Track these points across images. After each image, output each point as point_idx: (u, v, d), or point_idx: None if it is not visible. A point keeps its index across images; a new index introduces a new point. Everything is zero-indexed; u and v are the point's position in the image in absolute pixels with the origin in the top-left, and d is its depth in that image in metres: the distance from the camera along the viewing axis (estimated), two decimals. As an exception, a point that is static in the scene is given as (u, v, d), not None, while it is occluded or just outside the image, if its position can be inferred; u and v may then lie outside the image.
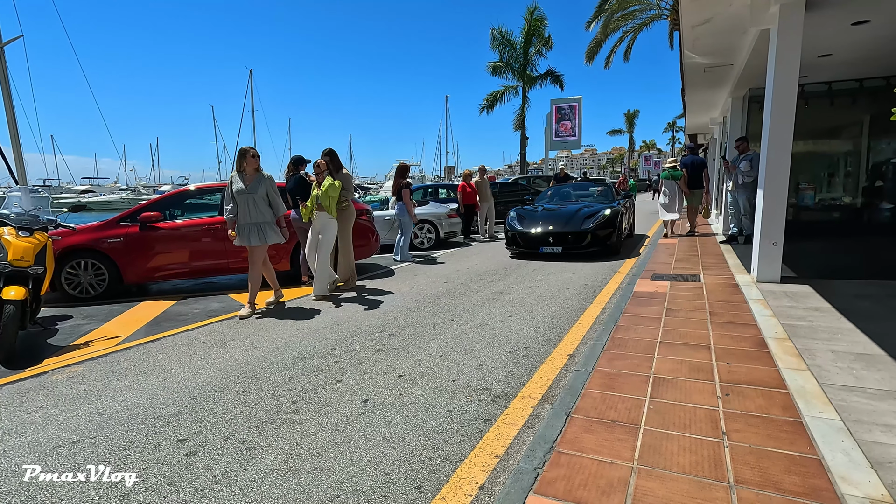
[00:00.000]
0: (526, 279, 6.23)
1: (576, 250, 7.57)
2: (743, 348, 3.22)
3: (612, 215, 7.74)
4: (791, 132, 4.79)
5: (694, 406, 2.44)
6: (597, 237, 7.53)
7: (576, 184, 11.46)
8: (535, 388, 2.94)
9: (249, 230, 4.85)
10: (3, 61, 9.39)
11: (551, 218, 8.03)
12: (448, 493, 1.95)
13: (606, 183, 9.87)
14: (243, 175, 4.85)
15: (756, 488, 1.77)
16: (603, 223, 7.60)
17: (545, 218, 8.09)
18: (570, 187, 10.37)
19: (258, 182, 4.84)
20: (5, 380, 3.30)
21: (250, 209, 4.82)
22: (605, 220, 7.65)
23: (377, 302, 5.29)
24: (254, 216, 4.84)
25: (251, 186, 4.81)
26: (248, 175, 4.85)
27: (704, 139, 22.96)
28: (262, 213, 4.88)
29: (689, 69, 8.21)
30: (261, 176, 4.88)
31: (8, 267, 3.79)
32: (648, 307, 4.34)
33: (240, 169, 4.89)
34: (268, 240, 4.91)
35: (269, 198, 4.94)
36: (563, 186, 10.52)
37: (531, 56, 25.64)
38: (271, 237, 4.94)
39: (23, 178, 9.83)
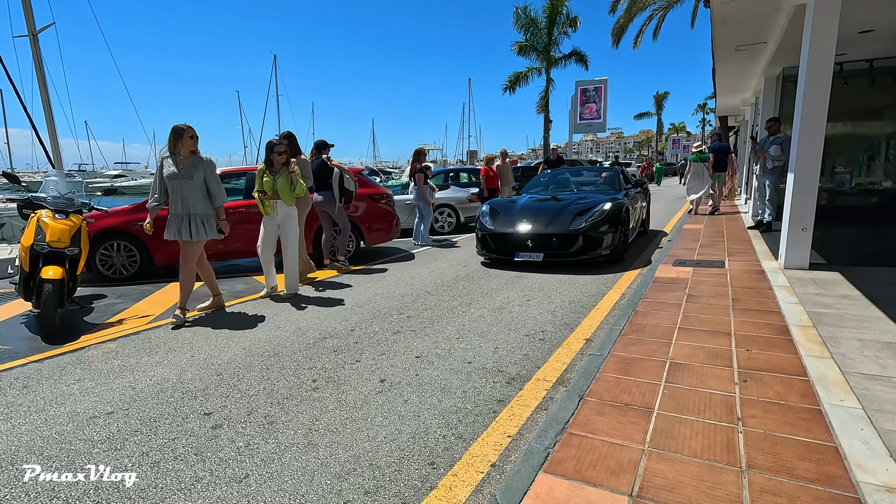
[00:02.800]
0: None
1: (563, 258, 5.77)
2: (764, 335, 3.17)
3: (612, 211, 5.91)
4: (825, 113, 4.60)
5: (710, 392, 2.42)
6: (591, 241, 5.72)
7: (575, 169, 9.33)
8: (550, 371, 2.96)
9: (181, 222, 4.13)
10: (37, 48, 9.71)
11: (533, 214, 6.16)
12: (460, 469, 2.01)
13: (614, 168, 8.02)
14: (176, 158, 4.14)
15: (768, 473, 1.77)
16: (599, 222, 5.76)
17: (525, 213, 6.20)
18: (568, 173, 8.38)
19: (194, 167, 4.11)
20: (46, 354, 3.49)
21: (183, 198, 4.11)
22: (602, 217, 5.80)
23: (397, 285, 5.36)
24: (187, 206, 4.12)
25: (185, 171, 4.09)
26: (183, 158, 4.13)
27: (735, 121, 22.19)
28: (197, 203, 4.15)
29: (720, 48, 7.92)
30: (198, 160, 4.15)
31: (46, 248, 3.98)
32: (669, 293, 4.29)
33: (173, 151, 4.14)
34: (202, 235, 4.18)
35: (207, 186, 4.20)
36: (559, 172, 8.47)
37: (555, 36, 25.02)
38: (207, 232, 4.21)
39: (59, 163, 10.21)
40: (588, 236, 5.71)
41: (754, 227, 7.95)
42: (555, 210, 6.15)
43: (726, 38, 7.31)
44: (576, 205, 6.14)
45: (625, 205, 6.21)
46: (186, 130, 4.12)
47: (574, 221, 5.81)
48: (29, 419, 2.54)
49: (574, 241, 5.74)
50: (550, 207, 6.28)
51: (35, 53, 9.79)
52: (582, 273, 5.58)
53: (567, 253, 5.76)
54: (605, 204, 6.01)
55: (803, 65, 4.69)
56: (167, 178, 4.12)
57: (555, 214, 6.02)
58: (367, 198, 7.05)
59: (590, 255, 5.74)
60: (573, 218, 5.85)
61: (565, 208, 6.11)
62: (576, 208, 6.04)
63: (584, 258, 5.76)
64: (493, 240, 6.18)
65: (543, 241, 5.84)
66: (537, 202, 6.63)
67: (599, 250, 5.76)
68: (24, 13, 9.58)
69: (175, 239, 4.20)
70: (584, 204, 6.13)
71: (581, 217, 5.84)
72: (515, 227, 6.02)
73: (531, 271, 5.75)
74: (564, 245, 5.78)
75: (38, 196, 4.45)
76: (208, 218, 4.23)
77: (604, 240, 5.77)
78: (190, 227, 4.14)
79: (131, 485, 1.97)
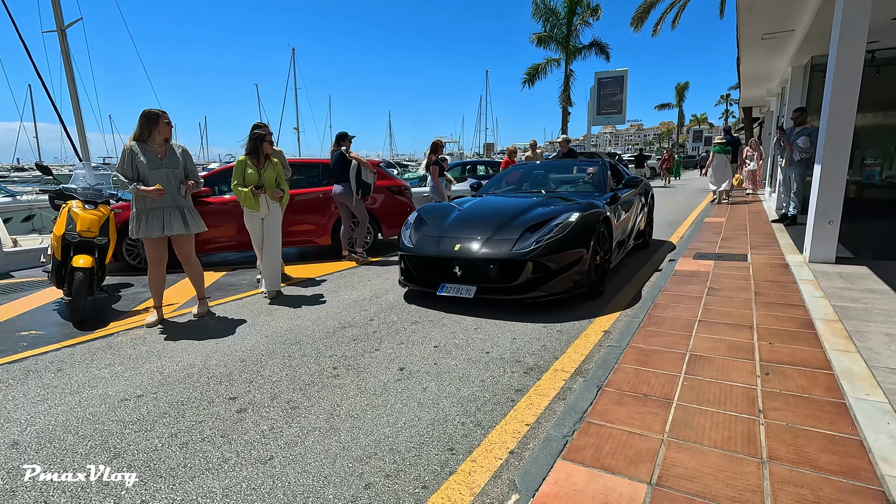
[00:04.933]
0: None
1: (503, 295, 3.92)
2: (788, 329, 3.12)
3: (580, 226, 4.07)
4: (855, 103, 4.47)
5: (730, 384, 2.41)
6: (544, 270, 3.87)
7: (556, 162, 7.66)
8: (568, 361, 2.97)
9: (170, 215, 3.83)
10: (65, 43, 9.96)
11: (469, 226, 4.32)
12: (479, 455, 2.04)
13: (600, 161, 6.18)
14: (149, 146, 3.77)
15: (790, 465, 1.76)
16: (558, 241, 3.91)
17: (460, 225, 4.38)
18: (544, 167, 6.65)
19: (175, 155, 3.89)
20: (78, 339, 3.62)
21: (171, 189, 3.82)
22: (563, 234, 3.96)
23: (414, 276, 5.39)
24: (175, 197, 3.86)
25: (169, 160, 3.83)
26: (158, 146, 3.81)
27: (760, 112, 21.66)
28: (183, 192, 3.92)
29: (746, 37, 7.73)
30: (175, 147, 3.93)
31: (76, 237, 4.11)
32: (689, 286, 4.24)
33: (142, 138, 3.76)
34: (198, 225, 4.01)
35: (187, 173, 3.97)
36: (535, 166, 6.74)
37: (575, 26, 24.67)
38: (197, 223, 4.01)
39: (86, 155, 10.50)
40: (540, 264, 3.85)
41: (778, 221, 7.78)
42: (499, 221, 4.25)
43: (752, 27, 7.13)
44: (530, 214, 4.31)
45: (602, 215, 4.35)
46: (161, 116, 3.80)
47: (521, 240, 3.94)
48: (64, 401, 2.64)
49: (518, 269, 3.87)
50: (495, 217, 4.40)
51: (63, 48, 10.04)
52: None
53: (509, 288, 3.89)
54: (570, 214, 4.15)
55: (833, 53, 4.56)
56: (149, 169, 3.72)
57: (497, 228, 4.14)
58: (385, 190, 7.09)
59: (543, 292, 3.87)
60: (520, 235, 3.99)
61: (513, 219, 4.24)
62: (527, 220, 4.19)
63: (534, 297, 3.87)
64: (412, 263, 4.35)
65: (476, 268, 4.00)
66: (483, 208, 4.82)
67: (557, 285, 3.89)
68: (53, 9, 9.82)
69: (162, 235, 3.83)
70: (542, 214, 4.28)
71: (532, 234, 3.98)
72: (440, 246, 4.16)
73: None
74: (505, 275, 3.92)
75: (68, 187, 4.59)
76: (193, 209, 4.01)
77: (565, 269, 3.91)
78: (183, 218, 3.91)
79: (162, 464, 2.05)
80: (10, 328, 3.92)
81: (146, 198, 3.74)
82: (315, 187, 6.80)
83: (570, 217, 4.13)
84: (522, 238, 3.98)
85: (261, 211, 4.58)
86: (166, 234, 3.85)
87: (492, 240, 4.04)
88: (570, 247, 3.96)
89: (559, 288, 3.93)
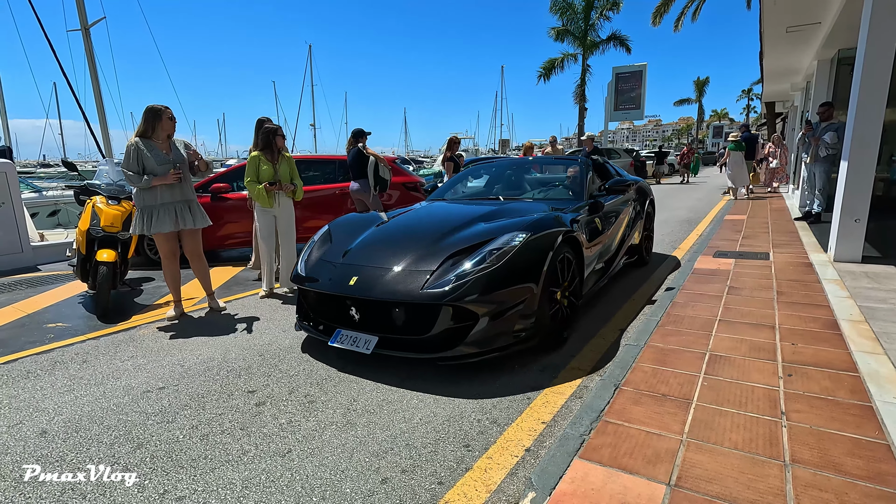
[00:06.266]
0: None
1: (412, 351, 2.75)
2: (811, 329, 3.05)
3: (527, 251, 2.90)
4: (884, 98, 4.34)
5: (752, 385, 2.36)
6: (469, 317, 2.70)
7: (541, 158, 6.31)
8: (584, 360, 2.95)
9: (180, 210, 3.85)
10: (89, 42, 10.17)
11: (381, 248, 3.25)
12: (495, 452, 2.04)
13: (580, 159, 4.75)
14: (153, 142, 3.76)
15: (814, 468, 1.72)
16: (489, 276, 2.73)
17: (371, 246, 3.30)
18: (516, 166, 5.38)
19: (179, 150, 3.92)
20: (102, 332, 3.71)
21: (182, 185, 3.86)
22: (498, 265, 2.77)
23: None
24: (185, 193, 3.89)
25: (176, 155, 3.87)
26: (162, 142, 3.80)
27: (783, 107, 21.16)
28: (190, 187, 3.94)
29: (770, 29, 7.55)
30: (178, 143, 3.96)
31: (101, 232, 4.21)
32: (709, 284, 4.17)
33: (146, 134, 3.75)
34: (206, 219, 4.03)
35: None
36: (512, 162, 5.62)
37: (594, 20, 24.36)
38: (204, 218, 4.03)
39: (109, 152, 10.73)
40: (463, 310, 2.68)
41: (802, 219, 7.60)
42: (421, 243, 3.12)
43: (777, 19, 6.96)
44: (460, 234, 3.16)
45: (562, 234, 3.10)
46: (165, 111, 3.78)
47: (438, 273, 2.78)
48: (89, 391, 2.71)
49: (431, 317, 2.73)
50: (418, 236, 3.27)
51: (87, 47, 10.26)
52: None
53: (420, 343, 2.74)
54: (514, 235, 2.95)
55: (861, 46, 4.42)
56: (157, 164, 3.71)
57: (415, 254, 3.01)
58: (401, 186, 7.10)
59: (471, 349, 2.67)
60: (439, 265, 2.84)
61: (440, 241, 3.10)
62: (454, 243, 3.04)
63: (453, 357, 2.67)
64: (304, 297, 3.36)
65: (377, 312, 2.90)
66: (410, 222, 3.70)
67: (491, 337, 2.71)
68: (77, 8, 10.04)
69: (174, 229, 3.85)
70: (475, 234, 3.12)
71: (456, 264, 2.82)
72: (333, 276, 3.06)
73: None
74: (415, 324, 2.80)
75: (93, 183, 4.69)
76: (198, 203, 4.02)
77: (502, 313, 2.71)
78: (192, 213, 3.93)
79: (184, 455, 2.09)
80: (37, 320, 4.03)
81: (156, 194, 3.77)
82: (331, 183, 6.84)
83: (513, 239, 2.90)
84: (441, 270, 2.79)
85: (273, 207, 4.55)
86: (179, 227, 3.88)
87: (403, 271, 2.87)
88: (511, 281, 2.74)
89: (495, 341, 2.73)
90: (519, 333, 2.81)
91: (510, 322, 2.77)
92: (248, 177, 4.47)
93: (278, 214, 4.62)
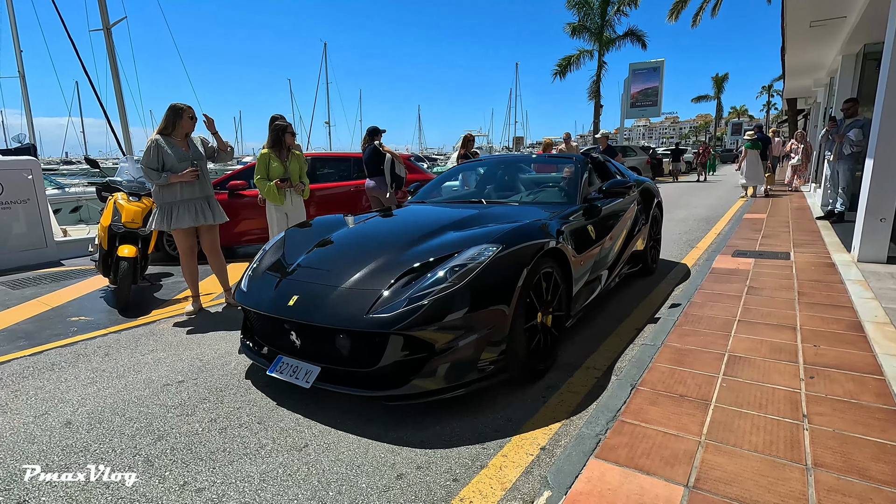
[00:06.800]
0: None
1: (357, 387, 2.25)
2: (834, 331, 2.98)
3: (497, 267, 2.40)
4: (913, 93, 4.21)
5: (772, 387, 2.32)
6: (424, 347, 2.21)
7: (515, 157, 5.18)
8: (600, 359, 2.93)
9: (199, 207, 3.92)
10: (111, 42, 10.36)
11: (334, 259, 2.80)
12: (510, 450, 2.03)
13: (578, 158, 4.20)
14: (173, 140, 3.84)
15: (837, 473, 1.68)
16: (448, 298, 2.22)
17: (323, 257, 2.86)
18: (505, 164, 4.70)
19: (197, 147, 3.98)
20: (123, 326, 3.79)
21: (201, 181, 3.93)
22: (459, 285, 2.26)
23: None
24: (204, 189, 3.96)
25: (195, 152, 3.91)
26: (180, 139, 3.88)
27: (806, 104, 20.71)
28: (209, 184, 4.01)
29: (793, 24, 7.38)
30: (195, 140, 4.01)
31: (122, 228, 4.29)
32: (727, 284, 4.10)
33: (167, 131, 3.83)
34: (224, 215, 4.10)
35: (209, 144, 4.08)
36: (504, 158, 5.00)
37: (609, 16, 24.07)
38: (221, 214, 4.09)
39: (129, 150, 10.91)
40: (416, 341, 2.22)
41: (824, 218, 7.43)
42: (378, 255, 2.64)
43: (800, 14, 6.80)
44: (423, 246, 2.69)
45: (542, 247, 2.63)
46: (186, 110, 3.85)
47: (388, 294, 2.32)
48: (111, 384, 2.77)
49: (378, 346, 2.27)
50: (378, 246, 2.80)
51: (109, 47, 10.45)
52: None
53: (367, 377, 2.28)
54: (483, 249, 2.48)
55: (889, 40, 4.30)
56: (177, 161, 3.78)
57: (369, 268, 2.53)
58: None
59: (428, 387, 2.22)
60: (392, 283, 2.38)
61: (401, 253, 2.63)
62: (414, 256, 2.57)
63: (404, 396, 2.22)
64: (249, 319, 2.90)
65: (320, 339, 2.44)
66: (373, 229, 3.25)
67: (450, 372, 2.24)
68: (99, 8, 10.22)
69: (193, 225, 3.92)
70: (439, 246, 2.64)
71: (410, 283, 2.36)
72: (273, 294, 2.59)
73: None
74: (361, 355, 2.33)
75: (114, 180, 4.79)
76: (216, 200, 4.09)
77: (461, 347, 2.24)
78: (211, 210, 4.00)
79: (203, 447, 2.12)
80: (61, 313, 4.13)
81: (175, 190, 3.82)
82: (345, 181, 6.88)
83: (481, 254, 2.42)
84: (394, 290, 2.31)
85: (285, 205, 4.56)
86: (198, 223, 3.93)
87: (350, 290, 2.39)
88: (476, 304, 2.25)
89: (456, 376, 2.23)
90: (486, 367, 2.32)
91: (474, 352, 2.28)
92: (259, 174, 4.49)
93: (290, 212, 4.62)
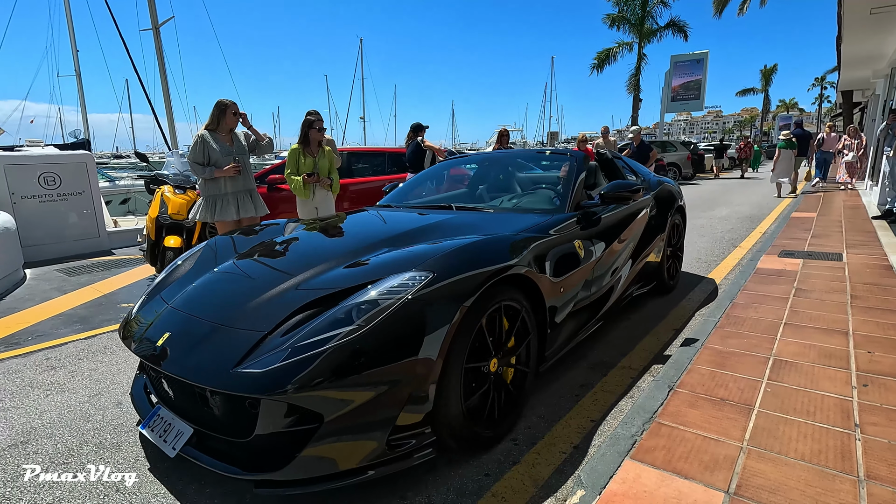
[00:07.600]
0: None
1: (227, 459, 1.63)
2: (891, 337, 2.81)
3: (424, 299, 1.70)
4: None
5: (821, 393, 2.21)
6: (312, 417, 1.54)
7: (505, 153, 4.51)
8: (636, 359, 2.86)
9: (242, 199, 4.08)
10: (159, 41, 10.79)
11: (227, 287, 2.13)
12: (542, 448, 2.02)
13: (574, 155, 3.39)
14: (218, 135, 3.99)
15: (893, 486, 1.59)
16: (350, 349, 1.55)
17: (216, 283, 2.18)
18: (489, 162, 4.19)
19: (240, 142, 4.14)
20: (168, 313, 3.96)
21: (244, 175, 4.11)
22: (366, 329, 1.59)
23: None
24: (247, 182, 4.14)
25: (238, 147, 4.08)
26: (224, 135, 4.02)
27: (863, 96, 19.55)
28: (251, 177, 4.18)
29: (851, 11, 6.96)
30: (238, 135, 4.15)
31: (168, 219, 4.49)
32: (773, 285, 3.93)
33: (212, 127, 3.98)
34: (265, 208, 4.26)
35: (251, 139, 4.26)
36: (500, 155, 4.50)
37: (651, 6, 23.32)
38: (263, 207, 4.25)
39: (175, 144, 11.37)
40: (296, 408, 1.55)
41: (881, 217, 7.01)
42: (277, 282, 2.00)
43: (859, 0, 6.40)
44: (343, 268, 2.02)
45: (492, 275, 1.92)
46: (230, 106, 3.98)
47: (267, 341, 1.67)
48: (158, 368, 2.91)
49: (250, 413, 1.61)
50: (283, 270, 2.15)
51: (157, 46, 10.89)
52: None
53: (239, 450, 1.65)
54: (411, 278, 1.78)
55: (961, 26, 4.00)
56: (221, 155, 3.92)
57: (256, 301, 1.90)
58: (449, 179, 7.11)
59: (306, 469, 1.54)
60: (280, 322, 1.74)
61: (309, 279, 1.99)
62: (325, 281, 1.94)
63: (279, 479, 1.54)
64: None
65: (188, 393, 1.83)
66: (297, 245, 2.54)
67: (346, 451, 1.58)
68: (149, 8, 10.66)
69: (237, 218, 4.05)
70: (368, 269, 1.96)
71: (305, 323, 1.70)
72: (151, 331, 1.97)
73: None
74: (232, 419, 1.70)
75: (161, 173, 5.00)
76: (258, 193, 4.23)
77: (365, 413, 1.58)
78: (253, 202, 4.15)
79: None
80: (112, 300, 4.36)
81: (220, 183, 3.98)
82: (381, 175, 6.95)
83: (403, 286, 1.74)
84: (279, 333, 1.70)
85: (313, 200, 4.46)
86: (241, 216, 4.06)
87: (231, 329, 1.80)
88: (390, 355, 1.62)
89: (355, 457, 1.61)
90: (403, 441, 1.68)
91: (384, 420, 1.63)
92: (289, 168, 4.44)
93: (319, 207, 4.59)
